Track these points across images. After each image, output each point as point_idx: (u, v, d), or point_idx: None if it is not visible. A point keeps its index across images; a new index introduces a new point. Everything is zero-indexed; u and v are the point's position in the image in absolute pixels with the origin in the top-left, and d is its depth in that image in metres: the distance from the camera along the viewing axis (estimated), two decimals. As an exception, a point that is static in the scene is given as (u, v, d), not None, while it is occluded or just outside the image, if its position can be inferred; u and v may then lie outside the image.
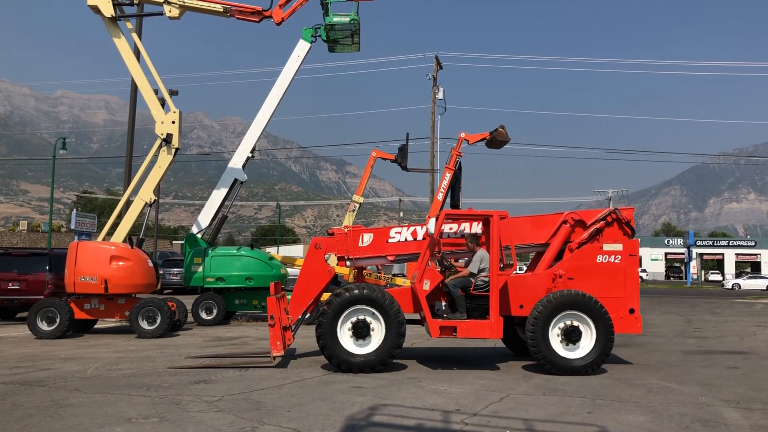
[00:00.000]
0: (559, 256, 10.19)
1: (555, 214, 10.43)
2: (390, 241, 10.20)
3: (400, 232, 10.22)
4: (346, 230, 10.18)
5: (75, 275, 13.54)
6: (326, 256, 10.13)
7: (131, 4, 15.91)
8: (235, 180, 17.58)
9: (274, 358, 9.33)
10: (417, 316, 9.93)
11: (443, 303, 9.81)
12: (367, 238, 10.14)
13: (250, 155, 17.76)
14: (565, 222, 10.21)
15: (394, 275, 27.13)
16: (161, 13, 15.76)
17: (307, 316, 16.30)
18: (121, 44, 15.37)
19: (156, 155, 15.18)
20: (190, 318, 16.20)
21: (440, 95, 37.07)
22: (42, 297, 15.07)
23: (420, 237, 10.10)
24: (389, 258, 10.27)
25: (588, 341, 9.05)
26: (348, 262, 10.29)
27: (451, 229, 10.47)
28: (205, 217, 17.51)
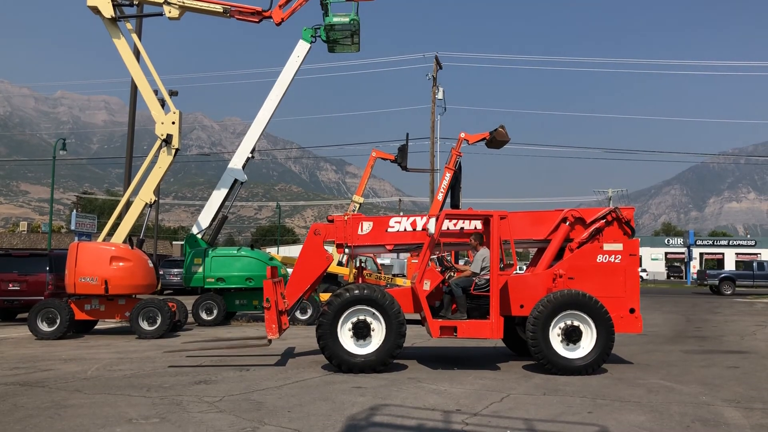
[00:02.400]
0: (559, 255, 10.19)
1: (555, 211, 10.40)
2: (389, 230, 10.23)
3: (399, 222, 10.25)
4: (345, 218, 10.22)
5: (75, 276, 13.54)
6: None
7: (131, 5, 15.91)
8: (235, 180, 17.58)
9: (270, 340, 9.42)
10: (417, 316, 9.93)
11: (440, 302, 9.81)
12: (366, 227, 10.17)
13: (250, 156, 17.76)
14: (565, 219, 10.20)
15: (394, 275, 27.14)
16: (161, 14, 15.75)
17: (308, 316, 16.35)
18: (121, 45, 15.37)
19: (156, 156, 15.18)
20: (190, 318, 16.20)
21: (440, 95, 37.12)
22: (42, 298, 15.09)
23: (419, 228, 10.13)
24: (388, 247, 10.30)
25: (588, 341, 9.05)
26: (347, 250, 10.32)
27: (455, 225, 10.46)
28: (205, 218, 17.51)
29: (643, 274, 70.82)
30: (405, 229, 10.21)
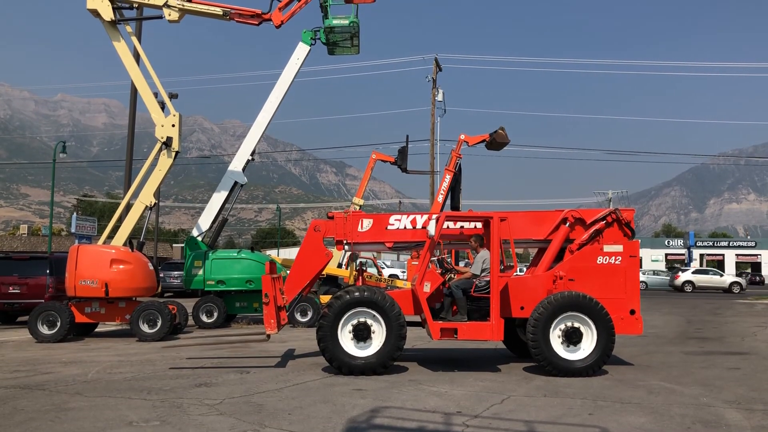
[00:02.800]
0: (560, 256, 10.20)
1: (555, 211, 10.40)
2: (389, 228, 10.26)
3: (399, 220, 10.29)
4: (345, 214, 10.25)
5: (75, 279, 13.54)
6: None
7: (131, 8, 15.94)
8: (236, 183, 17.59)
9: (268, 336, 9.48)
10: (418, 318, 9.93)
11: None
12: (366, 224, 10.21)
13: (250, 158, 17.77)
14: (565, 220, 10.20)
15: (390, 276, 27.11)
16: (161, 17, 15.77)
17: (308, 318, 16.34)
18: (121, 48, 15.37)
19: (156, 158, 15.18)
20: (190, 321, 16.19)
21: (440, 97, 37.16)
22: (42, 301, 15.07)
23: (419, 226, 10.15)
24: (387, 245, 10.33)
25: (589, 342, 9.05)
26: (346, 247, 10.34)
27: (454, 224, 10.48)
28: (205, 220, 17.51)
29: (643, 277, 70.67)
30: (405, 227, 10.24)
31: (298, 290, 10.04)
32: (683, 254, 74.12)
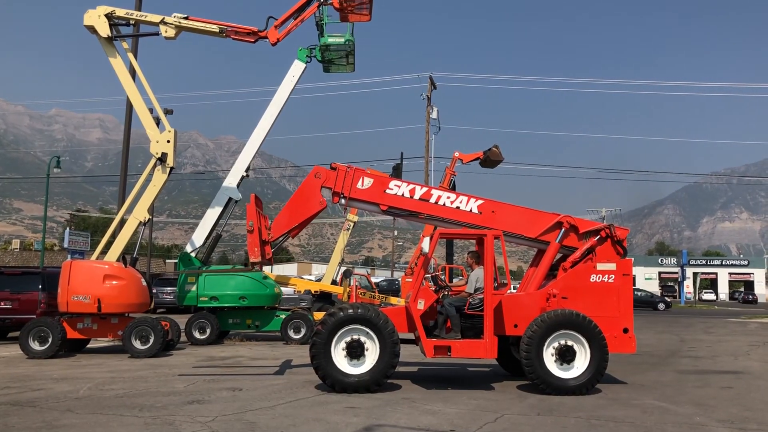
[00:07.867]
0: (555, 266, 10.22)
1: (551, 214, 10.42)
2: (387, 191, 10.35)
3: (399, 186, 10.39)
4: (347, 168, 10.36)
5: (68, 294, 13.47)
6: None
7: (127, 24, 15.99)
8: (230, 199, 17.60)
9: (253, 265, 9.73)
10: (411, 336, 9.91)
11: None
12: (367, 182, 10.34)
13: (244, 174, 17.80)
14: (560, 224, 10.21)
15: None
16: (157, 33, 15.84)
17: (302, 335, 16.24)
18: (117, 64, 15.43)
19: (151, 174, 15.18)
20: (183, 337, 16.10)
21: (434, 115, 37.38)
22: (34, 316, 14.96)
23: (417, 197, 10.28)
24: (382, 207, 10.42)
25: (582, 361, 9.05)
26: (342, 200, 10.37)
27: (451, 202, 10.49)
28: (199, 236, 17.48)
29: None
30: (402, 195, 10.35)
31: (285, 229, 10.20)
32: (676, 273, 74.31)
